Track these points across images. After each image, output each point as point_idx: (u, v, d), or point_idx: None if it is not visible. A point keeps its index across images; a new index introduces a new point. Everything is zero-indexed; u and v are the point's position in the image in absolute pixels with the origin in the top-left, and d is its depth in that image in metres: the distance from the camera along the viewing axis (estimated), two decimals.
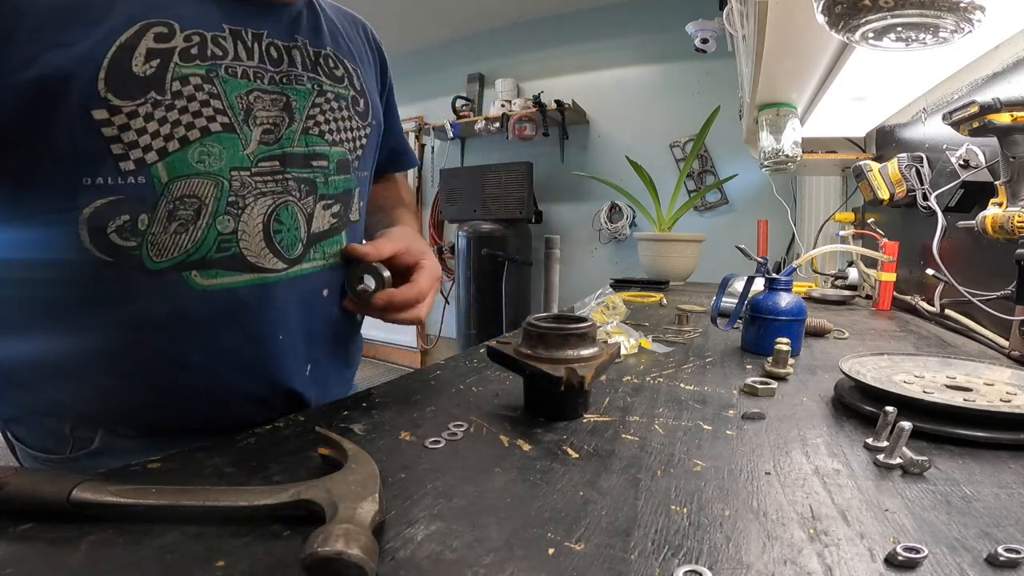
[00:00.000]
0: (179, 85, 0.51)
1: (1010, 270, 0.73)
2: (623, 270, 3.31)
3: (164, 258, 0.51)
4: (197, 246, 0.52)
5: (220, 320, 0.54)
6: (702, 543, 0.30)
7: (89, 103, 0.47)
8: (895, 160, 1.16)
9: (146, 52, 0.49)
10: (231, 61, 0.55)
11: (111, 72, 0.48)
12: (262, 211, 0.56)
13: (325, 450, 0.38)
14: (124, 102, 0.48)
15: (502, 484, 0.37)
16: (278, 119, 0.58)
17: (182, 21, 0.52)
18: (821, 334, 0.90)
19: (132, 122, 0.49)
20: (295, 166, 0.59)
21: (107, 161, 0.49)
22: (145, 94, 0.49)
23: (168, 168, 0.51)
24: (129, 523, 0.31)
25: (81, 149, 0.48)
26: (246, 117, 0.55)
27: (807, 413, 0.52)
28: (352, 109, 0.66)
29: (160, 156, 0.50)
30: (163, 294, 0.52)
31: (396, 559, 0.28)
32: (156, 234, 0.51)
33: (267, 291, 0.56)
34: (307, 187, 0.60)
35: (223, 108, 0.54)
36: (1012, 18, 0.78)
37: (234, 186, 0.54)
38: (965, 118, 0.74)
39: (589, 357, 0.49)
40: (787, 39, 0.90)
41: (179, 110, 0.51)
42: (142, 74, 0.49)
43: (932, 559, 0.28)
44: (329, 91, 0.63)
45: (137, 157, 0.49)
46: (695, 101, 3.13)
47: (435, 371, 0.66)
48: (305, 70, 0.62)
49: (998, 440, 0.43)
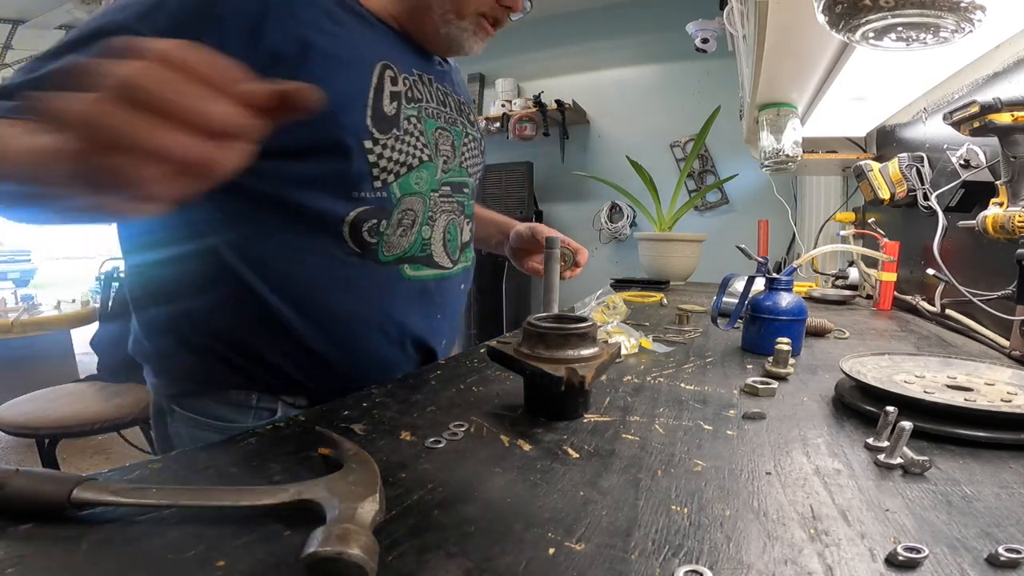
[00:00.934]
0: (407, 124, 0.66)
1: (1010, 270, 0.73)
2: (623, 270, 3.31)
3: (391, 253, 0.67)
4: (410, 246, 0.69)
5: (415, 302, 0.71)
6: (702, 543, 0.30)
7: (361, 135, 0.62)
8: (896, 160, 1.16)
9: (389, 95, 0.65)
10: (426, 104, 0.70)
11: (374, 111, 0.63)
12: (443, 225, 0.73)
13: (325, 450, 0.38)
14: (381, 135, 0.63)
15: (502, 484, 0.37)
16: (449, 153, 0.74)
17: (398, 64, 0.67)
18: (822, 334, 0.90)
19: (385, 152, 0.64)
20: (456, 191, 0.76)
21: (368, 179, 0.63)
22: (391, 130, 0.64)
23: (400, 187, 0.66)
24: (129, 523, 0.31)
25: (354, 171, 0.62)
26: (435, 151, 0.71)
27: (808, 413, 0.52)
28: (478, 148, 0.84)
29: (396, 178, 0.66)
30: (386, 281, 0.68)
31: (396, 559, 0.28)
32: (389, 235, 0.66)
33: (440, 283, 0.74)
34: (460, 207, 0.77)
35: (426, 143, 0.69)
36: (1012, 18, 0.78)
37: (430, 204, 0.71)
38: (966, 118, 0.74)
39: (589, 357, 0.49)
40: (787, 39, 0.90)
41: (406, 143, 0.66)
42: (390, 114, 0.64)
43: (932, 559, 0.28)
44: (470, 133, 0.81)
45: (384, 179, 0.65)
46: (695, 101, 3.13)
47: (435, 371, 0.66)
48: (458, 115, 0.78)
49: (999, 440, 0.43)
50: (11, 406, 1.90)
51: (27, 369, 2.56)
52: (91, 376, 2.24)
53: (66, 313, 2.67)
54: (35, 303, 2.84)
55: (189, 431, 0.66)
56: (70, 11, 3.02)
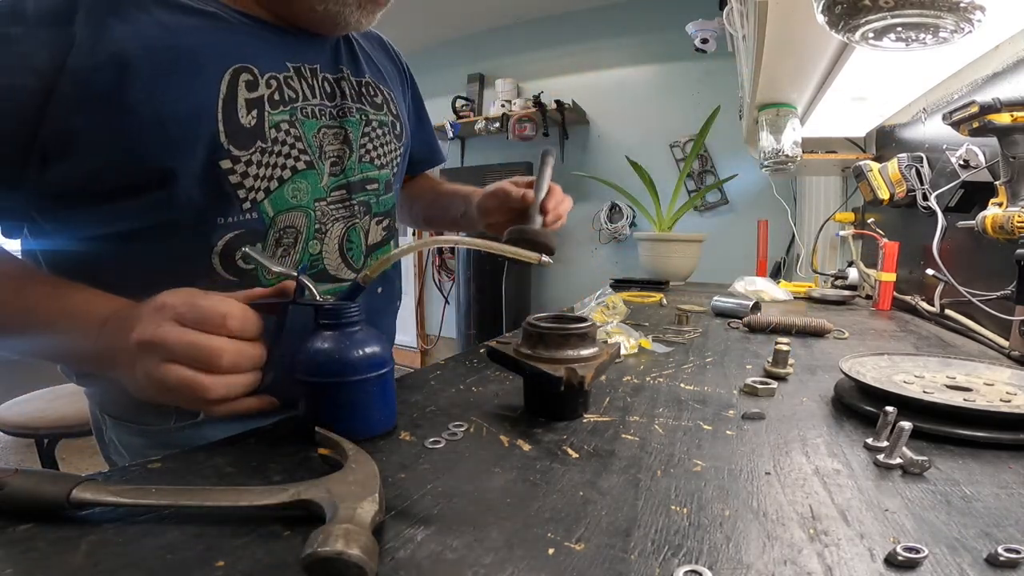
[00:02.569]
0: (275, 132, 0.59)
1: (1010, 270, 0.73)
2: (623, 270, 3.31)
3: (274, 277, 0.60)
4: (296, 266, 0.62)
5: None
6: (702, 543, 0.30)
7: (216, 155, 0.54)
8: (895, 160, 1.16)
9: (245, 104, 0.57)
10: (303, 103, 0.62)
11: (226, 124, 0.55)
12: (338, 234, 0.66)
13: (325, 450, 0.38)
14: (241, 152, 0.56)
15: (502, 484, 0.37)
16: (340, 151, 0.66)
17: (259, 63, 0.59)
18: (821, 334, 0.90)
19: (249, 169, 0.57)
20: (356, 192, 0.67)
21: (234, 202, 0.57)
22: (253, 143, 0.57)
23: (272, 204, 0.59)
24: (129, 523, 0.31)
25: (214, 194, 0.55)
26: (320, 153, 0.63)
27: (807, 413, 0.52)
28: (391, 134, 0.74)
29: (266, 194, 0.59)
30: None
31: (396, 559, 0.28)
32: None
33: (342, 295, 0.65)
34: (364, 208, 0.69)
35: (304, 148, 0.62)
36: (1012, 18, 0.78)
37: (317, 215, 0.63)
38: (965, 118, 0.74)
39: (589, 357, 0.49)
40: (787, 39, 0.90)
41: (275, 153, 0.59)
42: (248, 125, 0.57)
43: (932, 559, 0.28)
44: (374, 119, 0.71)
45: (252, 197, 0.58)
46: (695, 101, 3.13)
47: (435, 371, 0.66)
48: (354, 102, 0.69)
49: (998, 440, 0.43)
50: (11, 406, 1.91)
51: (27, 369, 2.55)
52: None
53: None
54: None
55: (120, 436, 0.64)
56: None
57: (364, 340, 0.44)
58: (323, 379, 0.43)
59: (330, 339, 0.43)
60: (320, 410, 0.43)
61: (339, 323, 0.44)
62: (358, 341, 0.43)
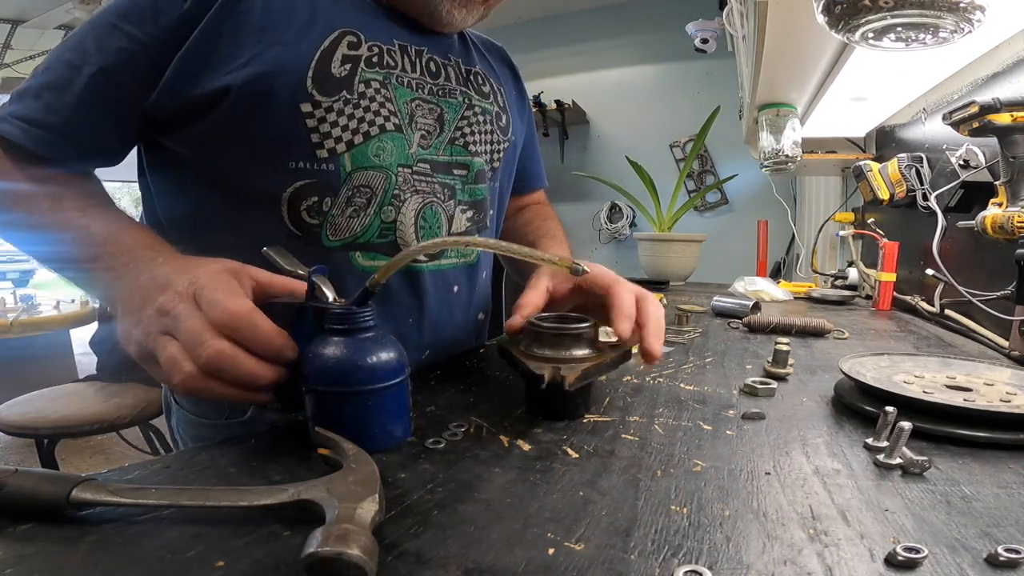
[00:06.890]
0: (363, 87, 0.59)
1: (1010, 270, 0.73)
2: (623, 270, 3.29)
3: (337, 237, 0.59)
4: (365, 230, 0.60)
5: None
6: (702, 543, 0.30)
7: (298, 97, 0.55)
8: (895, 160, 1.16)
9: (341, 57, 0.58)
10: (400, 72, 0.63)
11: (317, 72, 0.56)
12: (415, 208, 0.63)
13: (325, 450, 0.38)
14: (324, 98, 0.56)
15: (502, 484, 0.37)
16: (431, 128, 0.66)
17: (366, 33, 0.61)
18: (821, 334, 0.90)
19: (328, 116, 0.57)
20: (439, 171, 0.66)
21: (307, 148, 0.57)
22: (339, 92, 0.57)
23: (352, 159, 0.59)
24: (129, 523, 0.31)
25: (288, 137, 0.56)
26: (410, 121, 0.63)
27: (807, 413, 0.52)
28: (495, 124, 0.73)
29: (348, 148, 0.58)
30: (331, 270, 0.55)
31: (396, 559, 0.28)
32: (335, 216, 0.59)
33: (412, 278, 0.64)
34: (448, 191, 0.67)
35: (395, 111, 0.62)
36: (1012, 18, 0.78)
37: (398, 180, 0.62)
38: (965, 118, 0.74)
39: (581, 358, 0.49)
40: (787, 39, 0.91)
41: (363, 108, 0.59)
42: (338, 75, 0.57)
43: (932, 559, 0.28)
44: (477, 105, 0.71)
45: (330, 147, 0.57)
46: (695, 101, 3.13)
47: (435, 371, 0.66)
48: (459, 84, 0.69)
49: (998, 440, 0.43)
50: (10, 406, 1.90)
51: (26, 369, 2.56)
52: (90, 376, 2.23)
53: (65, 313, 2.67)
54: (34, 303, 2.84)
55: (183, 426, 0.67)
56: (70, 11, 3.02)
57: (376, 346, 0.41)
58: (331, 388, 0.40)
59: (339, 345, 0.41)
60: (328, 421, 0.40)
61: (349, 328, 0.41)
62: (370, 347, 0.41)
